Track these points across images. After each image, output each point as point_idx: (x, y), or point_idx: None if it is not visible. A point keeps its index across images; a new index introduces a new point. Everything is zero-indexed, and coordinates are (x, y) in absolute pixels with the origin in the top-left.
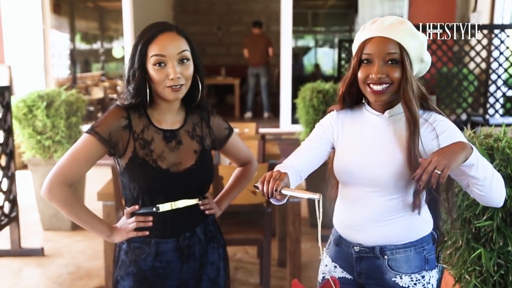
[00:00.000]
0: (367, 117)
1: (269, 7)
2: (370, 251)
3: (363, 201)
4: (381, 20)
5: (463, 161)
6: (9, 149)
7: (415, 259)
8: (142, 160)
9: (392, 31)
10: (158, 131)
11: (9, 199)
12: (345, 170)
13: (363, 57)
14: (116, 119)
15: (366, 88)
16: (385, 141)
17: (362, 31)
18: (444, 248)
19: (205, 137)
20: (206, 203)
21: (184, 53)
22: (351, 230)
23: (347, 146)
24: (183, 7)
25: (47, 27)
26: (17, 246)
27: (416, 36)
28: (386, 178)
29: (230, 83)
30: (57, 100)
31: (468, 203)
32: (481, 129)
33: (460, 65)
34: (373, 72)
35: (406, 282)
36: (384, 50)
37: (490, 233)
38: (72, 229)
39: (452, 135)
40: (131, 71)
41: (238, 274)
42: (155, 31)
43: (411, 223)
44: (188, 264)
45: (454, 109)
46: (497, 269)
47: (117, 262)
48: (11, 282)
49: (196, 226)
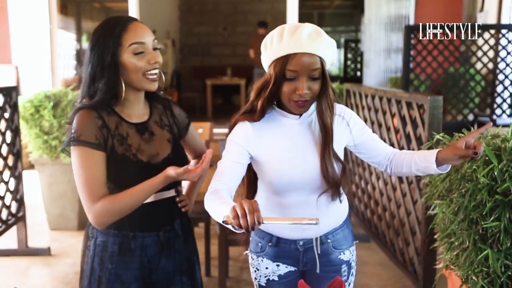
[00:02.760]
0: (284, 122)
1: (275, 7)
2: (315, 240)
3: (304, 203)
4: (299, 32)
5: None
6: (16, 149)
7: (349, 235)
8: (123, 156)
9: (313, 45)
10: (131, 126)
11: (16, 198)
12: (285, 178)
13: (287, 74)
14: (91, 121)
15: (291, 102)
16: (308, 143)
17: (279, 41)
18: (451, 249)
19: (172, 125)
20: (183, 199)
21: (155, 41)
22: (295, 231)
23: (277, 155)
24: (189, 7)
25: (54, 28)
26: (24, 246)
27: (332, 44)
28: (319, 178)
29: (236, 84)
30: (63, 100)
31: (475, 204)
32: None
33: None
34: (299, 89)
35: (347, 256)
36: (309, 67)
37: (497, 234)
38: (78, 229)
39: (361, 127)
40: (98, 68)
41: (244, 275)
42: (123, 22)
43: (339, 206)
44: (168, 259)
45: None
46: (504, 270)
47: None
48: (18, 282)
49: (174, 219)
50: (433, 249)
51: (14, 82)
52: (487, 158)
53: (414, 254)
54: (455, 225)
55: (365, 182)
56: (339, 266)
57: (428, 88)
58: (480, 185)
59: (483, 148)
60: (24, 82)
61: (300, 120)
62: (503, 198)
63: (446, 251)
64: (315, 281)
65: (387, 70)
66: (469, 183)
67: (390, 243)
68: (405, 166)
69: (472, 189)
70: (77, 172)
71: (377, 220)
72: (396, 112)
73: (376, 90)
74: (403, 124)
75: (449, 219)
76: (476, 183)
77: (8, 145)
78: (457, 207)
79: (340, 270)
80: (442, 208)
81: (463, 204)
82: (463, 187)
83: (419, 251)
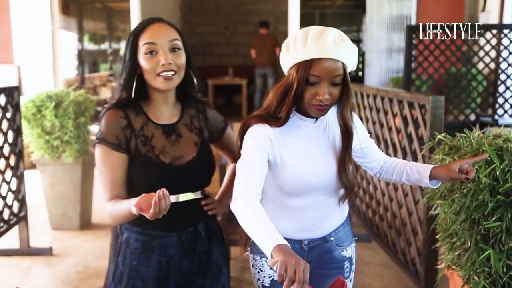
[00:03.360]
0: (302, 126)
1: (277, 7)
2: (319, 239)
3: (315, 205)
4: (324, 37)
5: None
6: (18, 149)
7: (349, 232)
8: (145, 157)
9: (337, 51)
10: (157, 127)
11: (18, 198)
12: (301, 182)
13: (310, 79)
14: (116, 121)
15: (311, 106)
16: (324, 146)
17: (304, 45)
18: (452, 249)
19: (203, 129)
20: (209, 202)
21: (175, 42)
22: (302, 232)
23: (297, 159)
24: (190, 7)
25: (55, 28)
26: (26, 246)
27: (354, 51)
28: (333, 182)
29: (238, 84)
30: (65, 100)
31: (477, 204)
32: (490, 130)
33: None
34: (320, 94)
35: (349, 252)
36: (332, 72)
37: (499, 234)
38: (80, 229)
39: (365, 132)
40: (123, 66)
41: (245, 275)
42: (146, 22)
43: (342, 205)
44: (189, 261)
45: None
46: (506, 270)
47: (118, 254)
48: (19, 281)
49: (198, 222)
50: (434, 249)
51: (16, 82)
52: (489, 158)
53: (416, 254)
54: (457, 225)
55: (367, 182)
56: (342, 263)
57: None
58: (482, 185)
59: (474, 174)
60: (26, 82)
61: (317, 124)
62: (505, 198)
63: (447, 251)
64: (318, 278)
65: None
66: (471, 183)
67: (391, 243)
68: (396, 175)
69: (474, 189)
70: (98, 170)
71: (379, 220)
72: (397, 112)
73: (378, 90)
74: (405, 124)
75: (451, 219)
76: (478, 183)
77: (10, 145)
78: (459, 207)
79: (343, 267)
80: (444, 208)
81: (465, 204)
82: (465, 187)
83: (421, 251)
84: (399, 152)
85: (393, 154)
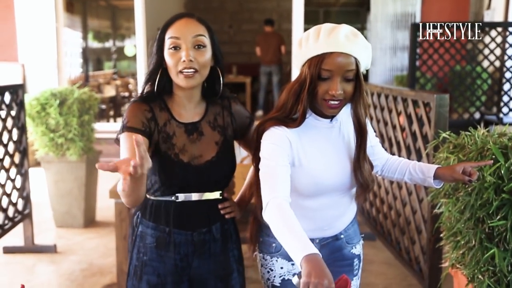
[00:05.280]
0: (317, 126)
1: (281, 5)
2: (330, 237)
3: (330, 206)
4: (336, 32)
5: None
6: (23, 147)
7: (357, 229)
8: (164, 154)
9: (349, 46)
10: (180, 125)
11: (23, 196)
12: (317, 182)
13: (322, 73)
14: (141, 112)
15: (323, 102)
16: (340, 146)
17: (315, 40)
18: (456, 248)
19: (227, 126)
20: (227, 206)
21: (199, 38)
22: (316, 232)
23: (314, 159)
24: (194, 5)
25: (60, 26)
26: (30, 243)
27: (368, 47)
28: (348, 181)
29: (242, 82)
30: (69, 98)
31: (481, 202)
32: (495, 128)
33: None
34: (332, 89)
35: (358, 250)
36: (344, 67)
37: (503, 233)
38: (84, 226)
39: (372, 130)
40: (150, 59)
41: (249, 272)
42: (175, 17)
43: (353, 203)
44: (201, 261)
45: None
46: (511, 269)
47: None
48: (24, 279)
49: (213, 223)
50: (438, 248)
51: (21, 80)
52: (494, 157)
53: (420, 252)
54: (461, 223)
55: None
56: (351, 260)
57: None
58: (486, 183)
59: (476, 177)
60: (31, 80)
61: (332, 124)
62: (510, 197)
63: (452, 249)
64: None
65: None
66: (475, 182)
67: (395, 242)
68: (398, 173)
69: (479, 188)
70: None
71: (383, 218)
72: (402, 110)
73: (382, 88)
74: (409, 122)
75: (455, 217)
76: (482, 182)
77: (14, 143)
78: (463, 205)
79: (352, 264)
80: (448, 206)
81: (470, 202)
82: (469, 185)
83: (425, 250)
84: (403, 150)
85: (397, 152)
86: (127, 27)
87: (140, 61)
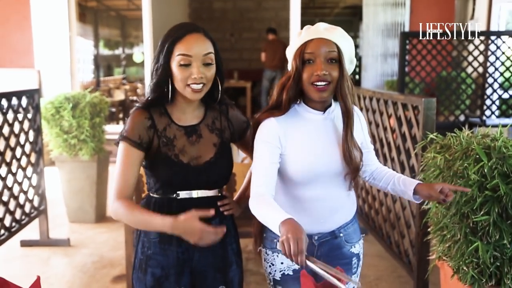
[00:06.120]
0: (308, 118)
1: (279, 15)
2: (329, 234)
3: (325, 197)
4: (316, 26)
5: None
6: (38, 147)
7: (358, 229)
8: (165, 156)
9: (328, 34)
10: (180, 128)
11: (38, 193)
12: (308, 170)
13: (305, 56)
14: (140, 121)
15: (310, 87)
16: (332, 137)
17: (298, 37)
18: (443, 241)
19: (224, 130)
20: (226, 203)
21: (209, 56)
22: (313, 225)
23: (302, 149)
24: (198, 15)
25: (73, 35)
26: (46, 237)
27: (348, 38)
28: (340, 170)
29: (242, 86)
30: (82, 101)
31: (466, 199)
32: (479, 130)
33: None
34: (317, 70)
35: (357, 249)
36: (325, 48)
37: (487, 227)
38: (96, 221)
39: (368, 133)
40: (155, 67)
41: (249, 265)
42: (184, 31)
43: (351, 200)
44: (201, 254)
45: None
46: (493, 261)
47: (138, 241)
48: (40, 270)
49: (212, 219)
50: (426, 241)
51: (37, 85)
52: (478, 156)
53: (409, 246)
54: (448, 219)
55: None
56: (350, 259)
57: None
58: (471, 181)
59: (451, 199)
60: (46, 85)
61: (325, 116)
62: (493, 194)
63: (438, 243)
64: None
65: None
66: (460, 180)
67: (386, 236)
68: (383, 182)
69: (464, 185)
70: (116, 164)
71: (374, 214)
72: (392, 113)
73: (374, 92)
74: (399, 124)
75: (442, 213)
76: (467, 180)
77: (31, 144)
78: (449, 202)
79: (351, 263)
80: (435, 203)
81: (455, 199)
82: (455, 183)
83: (414, 243)
84: (393, 151)
85: (388, 152)
86: (136, 35)
87: (147, 67)
